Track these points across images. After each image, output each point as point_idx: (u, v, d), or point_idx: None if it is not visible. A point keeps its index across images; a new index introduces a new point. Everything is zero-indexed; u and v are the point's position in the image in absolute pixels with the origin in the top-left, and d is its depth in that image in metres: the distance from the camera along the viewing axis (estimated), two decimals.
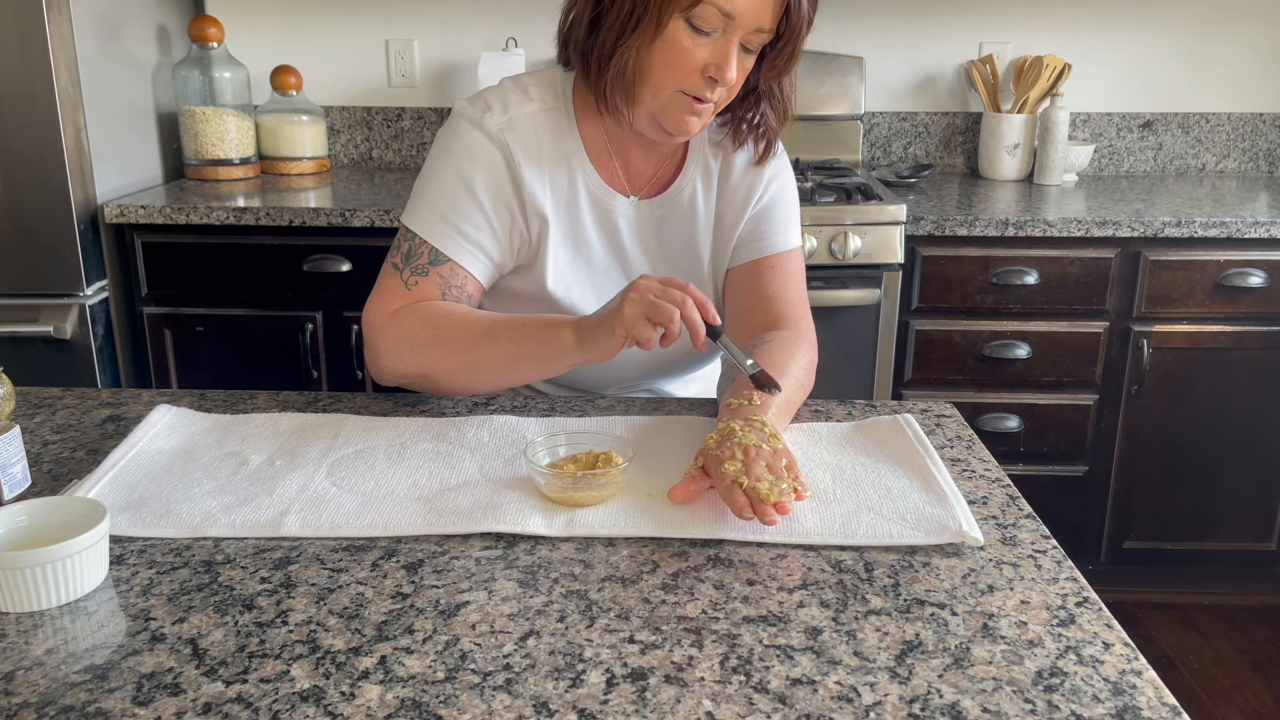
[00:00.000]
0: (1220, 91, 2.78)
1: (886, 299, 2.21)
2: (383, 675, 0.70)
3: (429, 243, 1.18)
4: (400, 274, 1.18)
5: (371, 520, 0.91)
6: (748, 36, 1.11)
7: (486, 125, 1.18)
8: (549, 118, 1.21)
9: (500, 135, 1.18)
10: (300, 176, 2.59)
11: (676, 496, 0.93)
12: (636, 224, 1.26)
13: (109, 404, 1.19)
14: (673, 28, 1.09)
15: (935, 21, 2.74)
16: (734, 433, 0.97)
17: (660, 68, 1.11)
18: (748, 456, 0.93)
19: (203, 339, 2.24)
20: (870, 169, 2.76)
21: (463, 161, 1.19)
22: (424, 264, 1.18)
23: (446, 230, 1.18)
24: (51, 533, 0.82)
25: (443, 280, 1.18)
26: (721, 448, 0.95)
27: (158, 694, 0.68)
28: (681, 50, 1.10)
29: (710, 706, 0.67)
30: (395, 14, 2.72)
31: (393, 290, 1.18)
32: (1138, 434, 2.33)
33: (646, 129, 1.18)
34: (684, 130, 1.15)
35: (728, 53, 1.10)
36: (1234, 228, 2.19)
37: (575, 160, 1.22)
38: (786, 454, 0.96)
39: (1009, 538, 0.90)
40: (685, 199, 1.27)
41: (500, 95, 1.21)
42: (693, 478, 0.95)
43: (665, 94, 1.13)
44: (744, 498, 0.89)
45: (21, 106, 2.01)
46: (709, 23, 1.08)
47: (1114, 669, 0.72)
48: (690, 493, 0.94)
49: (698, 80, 1.11)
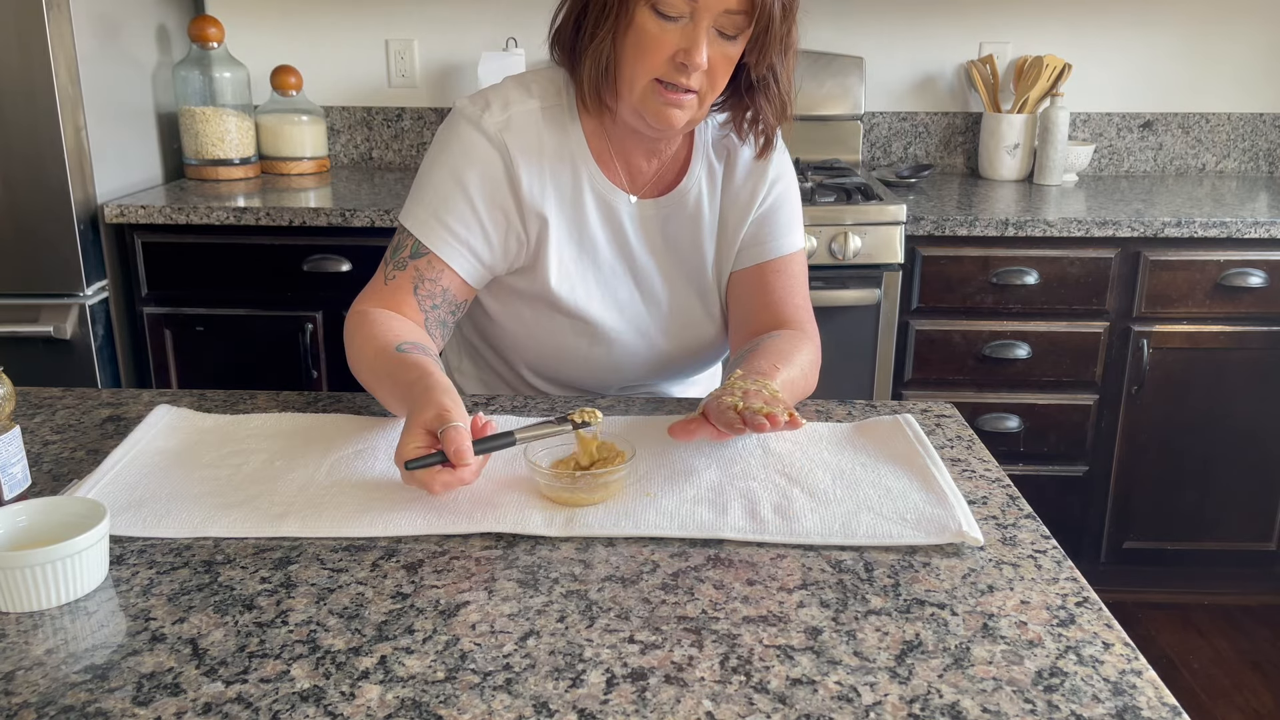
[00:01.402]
0: (1220, 91, 2.78)
1: (886, 299, 2.21)
2: (383, 675, 0.70)
3: (414, 236, 1.19)
4: (385, 269, 1.20)
5: (371, 520, 0.90)
6: (720, 19, 1.10)
7: (485, 125, 1.18)
8: (551, 115, 1.21)
9: (499, 135, 1.18)
10: (300, 176, 2.59)
11: (676, 432, 0.98)
12: (641, 222, 1.26)
13: (109, 404, 1.19)
14: (640, 15, 1.10)
15: (935, 21, 2.74)
16: (734, 383, 1.02)
17: (632, 57, 1.12)
18: (746, 395, 0.98)
19: (203, 339, 2.24)
20: (870, 169, 2.76)
21: (459, 162, 1.19)
22: (405, 258, 1.19)
23: (435, 227, 1.18)
24: (51, 533, 0.82)
25: (417, 274, 1.18)
26: (721, 391, 1.00)
27: (158, 694, 0.68)
28: (650, 37, 1.10)
29: (710, 706, 0.67)
30: (395, 14, 2.72)
31: (373, 286, 1.20)
32: (1138, 434, 2.33)
33: (633, 123, 1.18)
34: (665, 122, 1.15)
35: (696, 37, 1.10)
36: (1234, 228, 2.19)
37: (579, 157, 1.22)
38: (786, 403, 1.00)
39: (1009, 538, 0.90)
40: (691, 200, 1.27)
41: (501, 93, 1.21)
42: (693, 418, 0.99)
43: (640, 84, 1.13)
44: (735, 416, 0.95)
45: (21, 106, 2.01)
46: (674, 7, 1.09)
47: (1114, 669, 0.72)
48: (689, 431, 0.98)
49: (669, 67, 1.11)
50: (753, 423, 0.93)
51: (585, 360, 1.29)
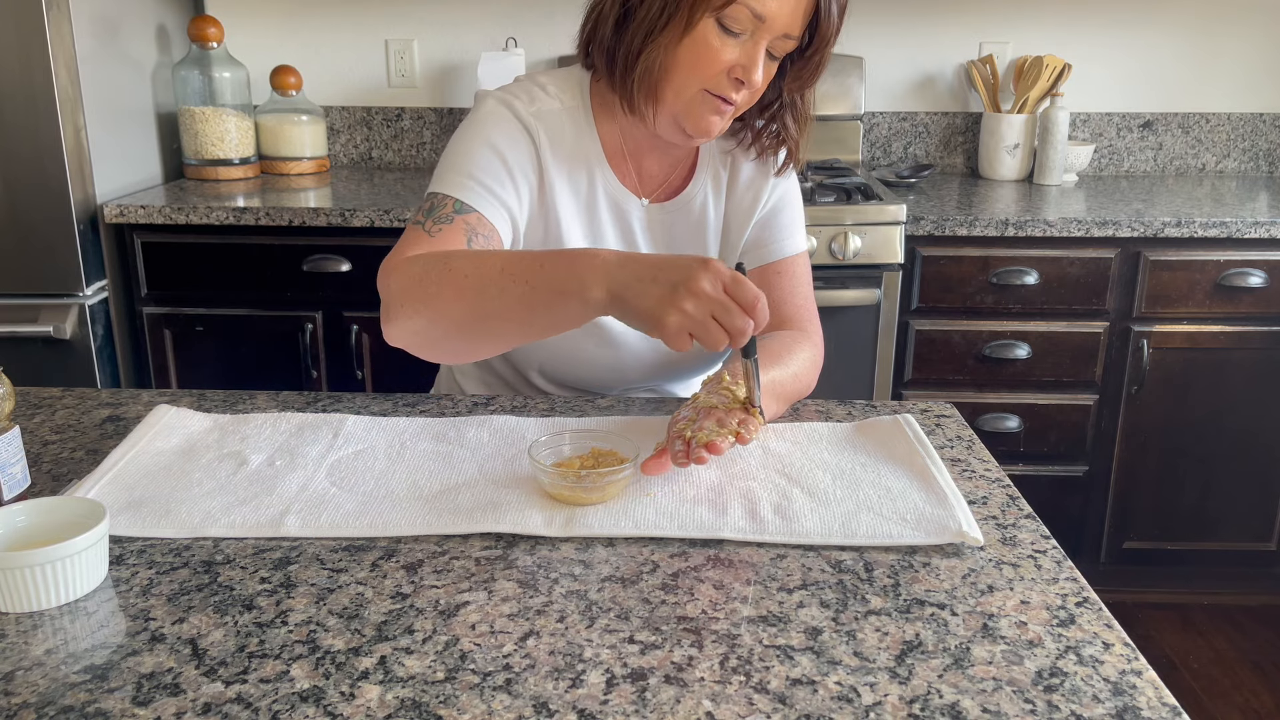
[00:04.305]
0: (1220, 91, 2.78)
1: (886, 299, 2.21)
2: (383, 675, 0.70)
3: (453, 196, 1.12)
4: (423, 226, 1.09)
5: (371, 520, 0.90)
6: (775, 43, 1.11)
7: (516, 107, 1.18)
8: (570, 116, 1.21)
9: (530, 119, 1.18)
10: (300, 176, 2.59)
11: (648, 469, 0.98)
12: (648, 226, 1.26)
13: (109, 404, 1.19)
14: (702, 27, 1.09)
15: (935, 21, 2.74)
16: (696, 399, 1.03)
17: (688, 66, 1.11)
18: (700, 415, 0.99)
19: (202, 339, 2.24)
20: (870, 169, 2.76)
21: (490, 131, 1.16)
22: (448, 213, 1.10)
23: (473, 186, 1.13)
24: (51, 533, 0.82)
25: (469, 228, 1.09)
26: (680, 411, 1.02)
27: (157, 694, 0.68)
28: (710, 50, 1.10)
29: (710, 706, 0.67)
30: (395, 14, 2.72)
31: (413, 239, 1.08)
32: (1138, 434, 2.33)
33: (667, 130, 1.18)
34: (705, 131, 1.15)
35: (755, 55, 1.10)
36: (1234, 228, 2.19)
37: (594, 160, 1.22)
38: (741, 413, 0.99)
39: (1009, 538, 0.90)
40: (697, 205, 1.27)
41: (525, 89, 1.21)
42: (661, 449, 0.99)
43: (689, 93, 1.13)
44: (683, 446, 0.96)
45: (21, 106, 2.01)
46: (739, 23, 1.08)
47: (1114, 669, 0.72)
48: (661, 465, 0.98)
49: (723, 80, 1.11)
50: (694, 456, 0.95)
51: (592, 362, 1.29)
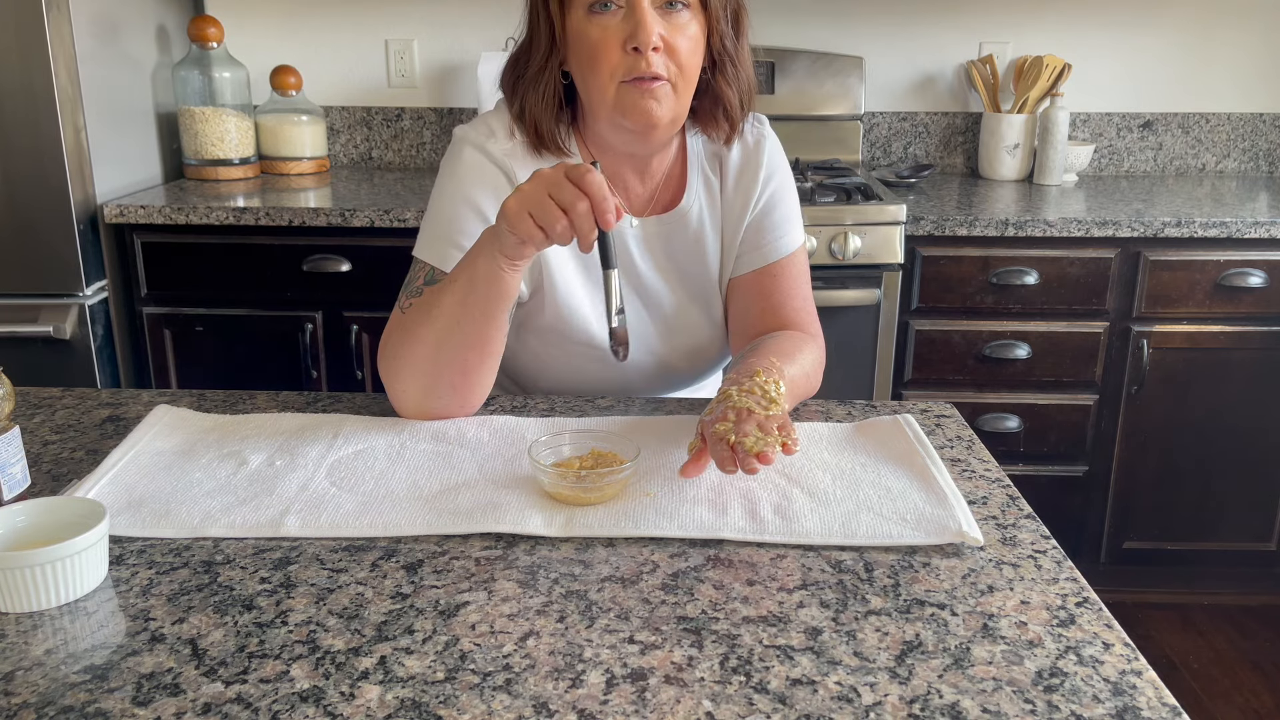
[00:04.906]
0: (1220, 91, 2.77)
1: (886, 299, 2.21)
2: (382, 675, 0.70)
3: (429, 264, 1.16)
4: (400, 304, 1.15)
5: (371, 520, 0.90)
6: None
7: (490, 149, 1.18)
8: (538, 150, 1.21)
9: (504, 160, 1.18)
10: (300, 176, 2.59)
11: (688, 473, 0.96)
12: (644, 242, 1.26)
13: (108, 404, 1.19)
14: (575, 23, 1.11)
15: (935, 21, 2.74)
16: (729, 397, 0.99)
17: (588, 67, 1.11)
18: (739, 418, 0.95)
19: (202, 339, 2.24)
20: (870, 169, 2.76)
21: (466, 184, 1.18)
22: (419, 285, 1.14)
23: (448, 250, 1.15)
24: (51, 533, 0.82)
25: None
26: (715, 412, 0.98)
27: (157, 694, 0.68)
28: (594, 40, 1.10)
29: (710, 707, 0.67)
30: (395, 14, 2.72)
31: (392, 321, 1.14)
32: (1138, 434, 2.33)
33: (615, 137, 1.18)
34: (647, 118, 1.12)
35: (638, 16, 1.08)
36: (1234, 228, 2.19)
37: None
38: (781, 418, 0.97)
39: (1009, 538, 0.90)
40: (694, 216, 1.26)
41: (501, 119, 1.21)
42: (699, 451, 0.96)
43: (610, 89, 1.12)
44: (729, 452, 0.92)
45: (21, 106, 2.01)
46: None
47: (1114, 669, 0.72)
48: (700, 467, 0.96)
49: (626, 60, 1.10)
50: (745, 464, 0.91)
51: (597, 380, 1.29)
